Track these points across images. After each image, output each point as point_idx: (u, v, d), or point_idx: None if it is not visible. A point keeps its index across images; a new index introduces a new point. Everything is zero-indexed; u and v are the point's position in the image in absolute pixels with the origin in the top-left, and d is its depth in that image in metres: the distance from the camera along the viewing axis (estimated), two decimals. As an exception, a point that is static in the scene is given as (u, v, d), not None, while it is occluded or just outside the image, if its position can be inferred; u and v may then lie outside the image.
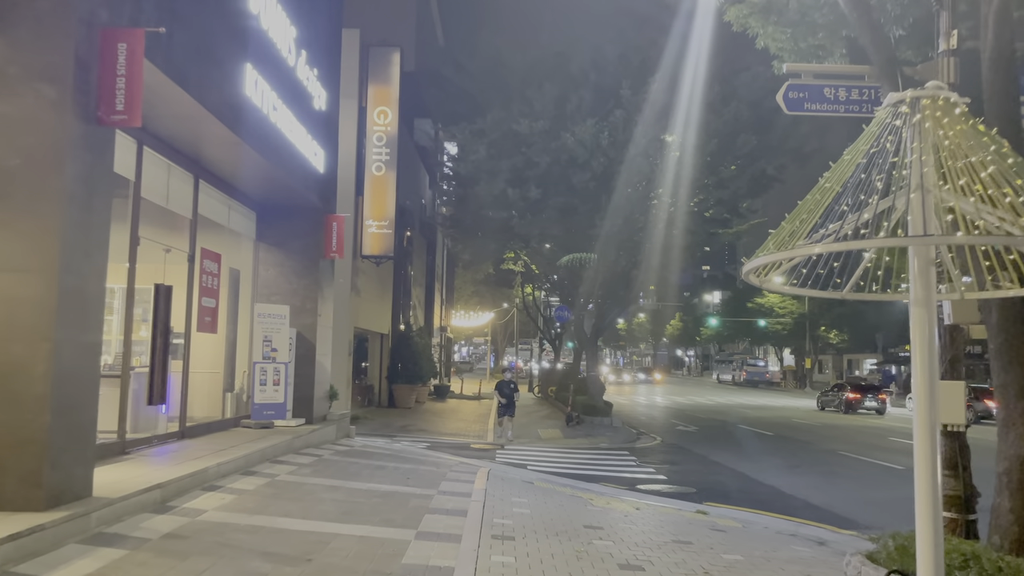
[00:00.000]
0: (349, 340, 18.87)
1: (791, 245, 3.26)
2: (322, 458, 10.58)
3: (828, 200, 3.35)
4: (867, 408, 33.18)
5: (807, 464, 15.36)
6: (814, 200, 3.32)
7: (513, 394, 16.94)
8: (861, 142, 3.32)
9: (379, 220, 18.95)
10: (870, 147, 3.28)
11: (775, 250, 3.18)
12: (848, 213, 3.32)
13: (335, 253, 13.22)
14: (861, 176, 3.34)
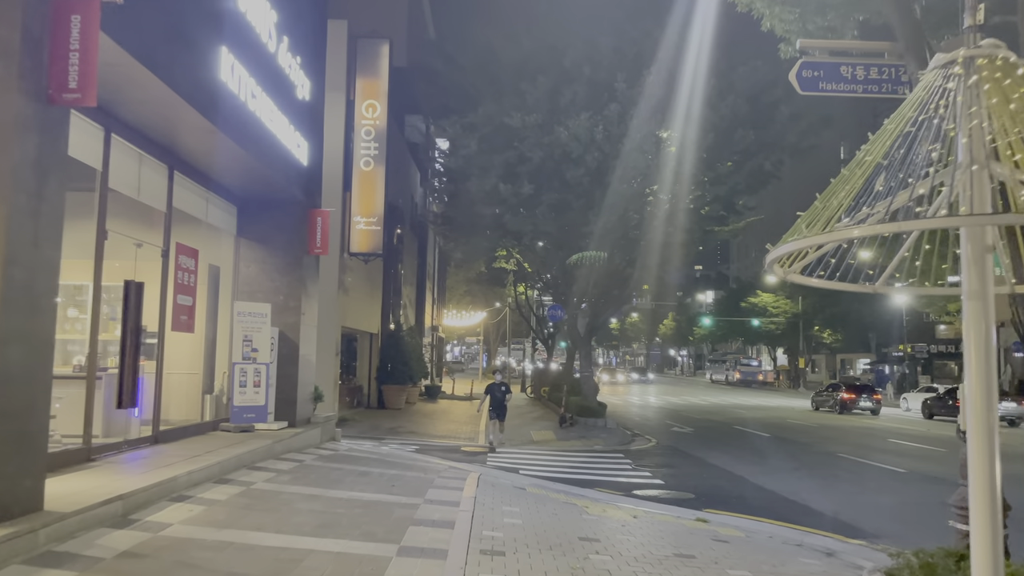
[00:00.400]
0: (336, 340, 18.35)
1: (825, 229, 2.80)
2: (304, 464, 10.08)
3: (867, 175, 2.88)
4: (862, 408, 33.05)
5: (807, 467, 14.94)
6: (852, 177, 2.86)
7: (504, 397, 16.08)
8: (906, 108, 2.85)
9: (367, 217, 18.44)
10: (917, 114, 2.82)
11: (809, 233, 2.71)
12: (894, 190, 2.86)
13: (319, 249, 12.71)
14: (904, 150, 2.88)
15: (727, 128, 16.91)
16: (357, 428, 18.02)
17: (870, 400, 33.05)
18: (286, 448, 10.96)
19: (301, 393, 12.66)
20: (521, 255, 23.74)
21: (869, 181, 2.84)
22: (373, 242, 18.50)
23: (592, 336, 22.35)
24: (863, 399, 32.99)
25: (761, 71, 17.58)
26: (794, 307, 64.73)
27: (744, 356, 79.70)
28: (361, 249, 18.52)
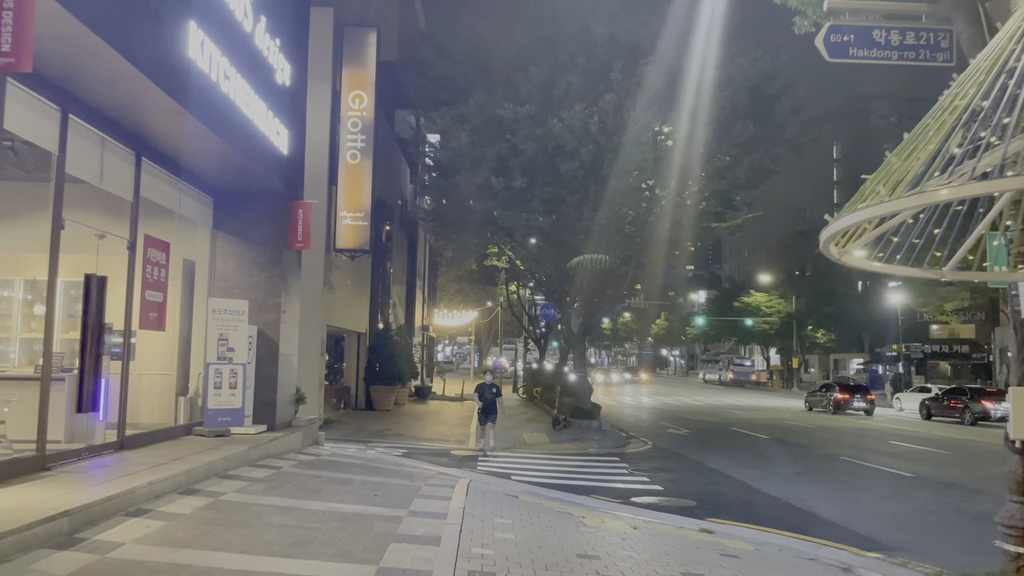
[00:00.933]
0: (321, 339, 17.70)
1: (899, 194, 2.20)
2: (281, 471, 9.43)
3: (951, 125, 2.29)
4: (855, 409, 32.77)
5: (811, 472, 14.39)
6: (935, 127, 2.26)
7: (495, 399, 15.42)
8: (1005, 39, 2.26)
9: (354, 211, 17.78)
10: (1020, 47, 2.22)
11: (891, 194, 2.11)
12: (979, 150, 2.26)
13: (301, 243, 12.06)
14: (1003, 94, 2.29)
15: (726, 120, 16.34)
16: (343, 431, 17.36)
17: (864, 400, 32.85)
18: (263, 454, 10.31)
19: (281, 395, 12.00)
20: (513, 252, 23.11)
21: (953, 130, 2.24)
22: (360, 238, 17.85)
23: (586, 335, 21.76)
24: (856, 399, 32.82)
25: (761, 62, 17.02)
26: (788, 307, 64.40)
27: (737, 356, 79.31)
28: (347, 245, 17.87)
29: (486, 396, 15.40)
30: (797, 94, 17.15)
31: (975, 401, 28.64)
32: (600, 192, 17.29)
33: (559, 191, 17.35)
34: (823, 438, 21.20)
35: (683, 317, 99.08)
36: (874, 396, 34.07)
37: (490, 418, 15.37)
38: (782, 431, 22.94)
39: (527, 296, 40.85)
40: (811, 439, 20.76)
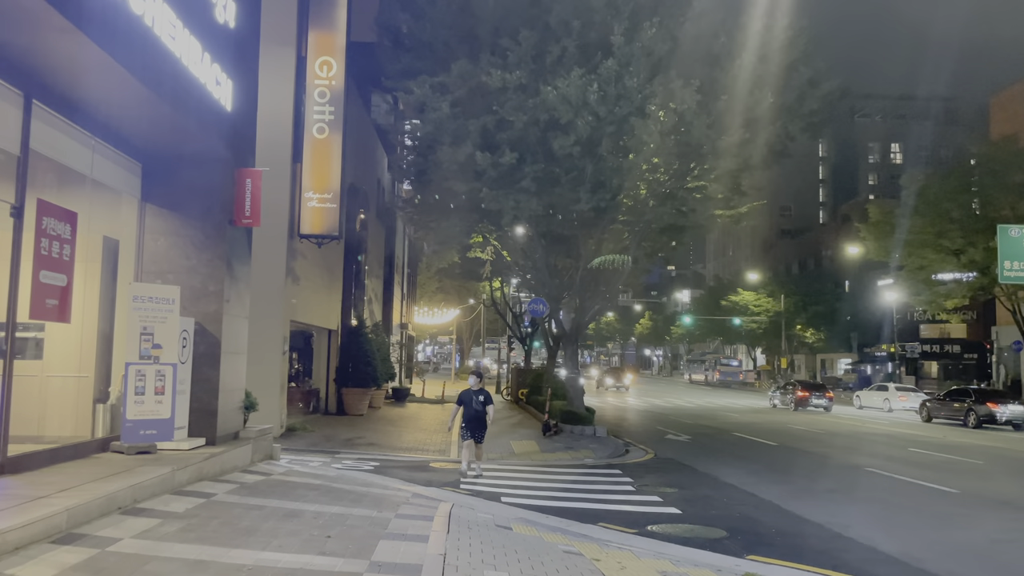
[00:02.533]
0: (284, 336, 15.70)
1: None
2: (212, 500, 7.45)
3: None
4: (815, 406, 34.83)
5: (842, 488, 12.61)
6: None
7: (483, 408, 11.98)
8: None
9: (321, 192, 15.77)
10: None
11: None
12: None
13: (249, 219, 10.06)
14: None
15: (739, 91, 14.55)
16: (307, 440, 15.37)
17: (823, 398, 34.93)
18: (195, 476, 8.31)
19: (225, 402, 9.99)
20: (499, 243, 21.20)
21: None
22: (328, 222, 15.84)
23: (579, 333, 19.90)
24: (815, 397, 35.04)
25: (777, 28, 15.24)
26: (776, 305, 63.03)
27: (724, 356, 77.96)
28: (313, 230, 15.86)
29: (472, 407, 11.99)
30: (816, 65, 15.40)
31: (980, 403, 27.36)
32: (598, 172, 15.44)
33: (552, 170, 15.44)
34: (837, 445, 19.51)
35: (667, 317, 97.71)
36: (832, 395, 36.14)
37: (477, 436, 12.09)
38: (790, 437, 21.24)
39: (511, 293, 39.01)
40: (825, 446, 19.05)
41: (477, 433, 12.12)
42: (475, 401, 12.05)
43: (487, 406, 12.16)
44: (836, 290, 64.56)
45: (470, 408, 12.09)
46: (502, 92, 14.98)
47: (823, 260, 74.87)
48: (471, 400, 12.08)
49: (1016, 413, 26.47)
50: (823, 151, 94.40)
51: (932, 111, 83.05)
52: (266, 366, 15.16)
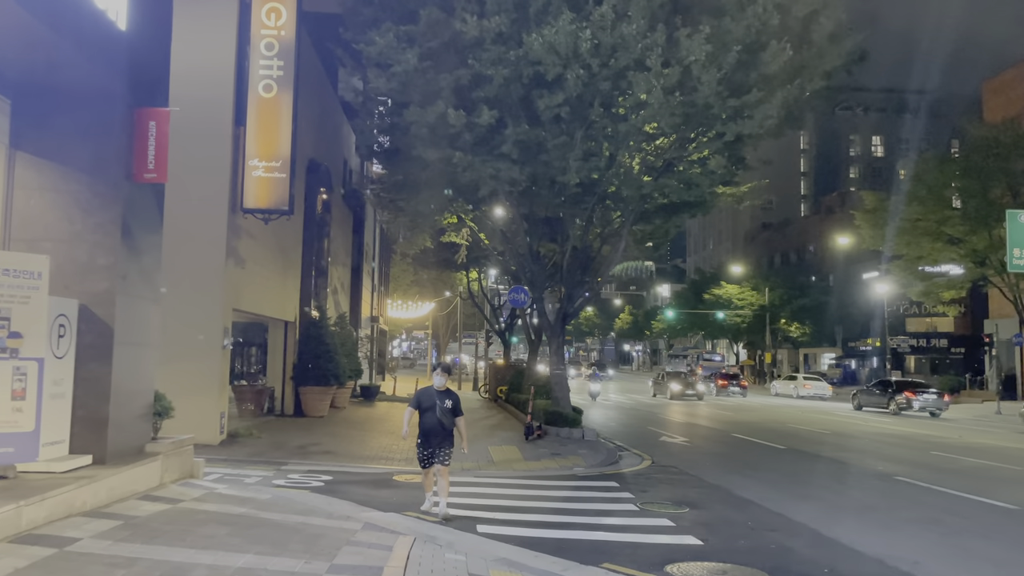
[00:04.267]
0: (224, 327, 13.47)
1: None
2: (64, 551, 5.28)
3: None
4: (732, 392, 41.64)
5: (883, 505, 10.68)
6: None
7: (446, 417, 8.59)
8: None
9: (268, 160, 13.54)
10: None
11: None
12: None
13: (153, 174, 7.88)
14: None
15: (753, 44, 12.55)
16: (252, 448, 13.17)
17: (737, 386, 42.37)
18: (60, 510, 6.15)
19: (121, 408, 7.79)
20: (476, 224, 19.09)
21: None
22: (276, 194, 13.62)
23: (564, 324, 17.86)
24: (732, 385, 42.43)
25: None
26: (760, 299, 61.53)
27: (706, 351, 76.48)
28: (259, 204, 13.63)
29: (433, 416, 8.48)
30: (838, 16, 13.46)
31: (899, 392, 30.22)
32: (590, 137, 13.38)
33: (537, 133, 13.34)
34: (850, 448, 17.68)
35: (648, 311, 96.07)
36: (747, 383, 44.53)
37: (440, 456, 8.49)
38: (795, 439, 19.39)
39: (489, 285, 36.95)
40: (837, 449, 17.20)
41: (440, 451, 8.48)
42: (439, 408, 8.50)
43: (456, 416, 8.68)
44: (821, 283, 63.28)
45: (431, 416, 8.50)
46: (479, 44, 12.84)
47: (806, 253, 73.71)
48: (434, 406, 8.52)
49: (929, 402, 29.42)
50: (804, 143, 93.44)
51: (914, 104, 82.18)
52: (201, 362, 12.95)
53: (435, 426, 8.51)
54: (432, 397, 8.62)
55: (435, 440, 8.51)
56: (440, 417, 8.53)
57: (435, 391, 8.68)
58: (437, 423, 8.51)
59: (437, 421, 8.51)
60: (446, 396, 8.69)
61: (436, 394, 8.65)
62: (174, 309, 12.83)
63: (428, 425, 8.54)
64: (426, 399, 8.63)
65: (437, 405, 8.56)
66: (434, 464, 8.57)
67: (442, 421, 8.55)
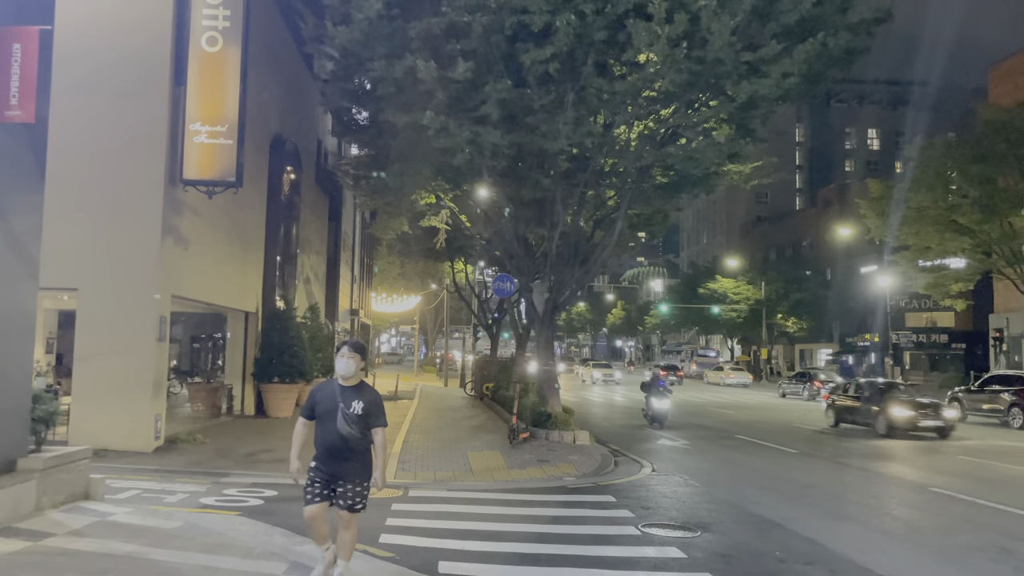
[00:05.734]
0: (160, 317, 11.68)
1: None
2: None
3: None
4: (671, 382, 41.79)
5: (931, 526, 9.03)
6: None
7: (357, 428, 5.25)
8: None
9: (212, 124, 11.75)
10: None
11: None
12: None
13: (17, 112, 6.11)
14: None
15: (768, -7, 10.86)
16: (191, 456, 11.41)
17: (674, 376, 46.02)
18: None
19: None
20: (456, 205, 17.35)
21: None
22: (221, 164, 11.84)
23: (554, 316, 16.16)
24: (671, 376, 44.36)
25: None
26: (757, 293, 60.01)
27: (700, 347, 74.98)
28: (201, 174, 11.85)
29: (332, 425, 5.25)
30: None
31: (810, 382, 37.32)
32: (583, 100, 11.67)
33: (522, 93, 11.60)
34: (864, 452, 16.05)
35: (640, 307, 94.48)
36: (683, 373, 50.84)
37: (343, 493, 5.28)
38: (802, 441, 17.77)
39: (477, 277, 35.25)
40: (850, 455, 15.57)
41: (343, 485, 5.26)
42: (343, 414, 5.24)
43: (374, 428, 5.32)
44: (818, 278, 61.84)
45: (330, 427, 5.27)
46: (453, -12, 11.09)
47: (802, 247, 72.30)
48: (335, 410, 5.27)
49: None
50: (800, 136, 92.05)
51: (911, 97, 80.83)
52: (130, 358, 11.19)
53: (336, 442, 5.22)
54: (333, 396, 5.28)
55: (336, 465, 5.25)
56: (344, 429, 5.19)
57: (338, 386, 5.31)
58: (339, 438, 5.20)
59: (339, 435, 5.20)
60: (356, 395, 5.29)
61: (340, 391, 5.28)
62: (98, 295, 11.09)
63: (326, 441, 5.26)
64: (324, 400, 5.32)
65: (340, 409, 5.21)
66: (332, 504, 5.27)
67: (347, 435, 5.19)
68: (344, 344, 5.47)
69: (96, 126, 11.37)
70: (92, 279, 11.21)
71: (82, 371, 11.20)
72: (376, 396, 5.46)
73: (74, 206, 11.17)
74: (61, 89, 11.43)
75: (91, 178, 11.32)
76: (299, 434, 5.46)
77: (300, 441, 5.44)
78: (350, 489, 5.27)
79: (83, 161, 11.32)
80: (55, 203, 11.26)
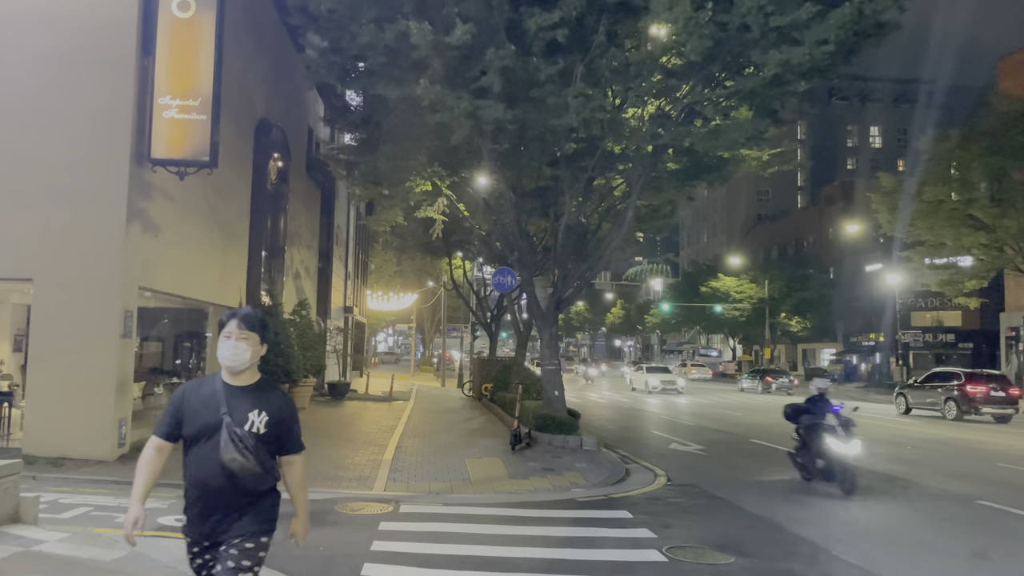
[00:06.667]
0: (126, 311, 10.55)
1: None
2: None
3: None
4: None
5: (994, 549, 7.92)
6: None
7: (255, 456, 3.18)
8: None
9: (184, 98, 10.63)
10: None
11: None
12: None
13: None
14: None
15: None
16: (159, 465, 10.28)
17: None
18: None
19: None
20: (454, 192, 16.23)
21: None
22: (193, 141, 10.71)
23: (558, 312, 15.05)
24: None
25: None
26: (760, 291, 58.96)
27: (702, 346, 73.93)
28: (172, 153, 10.72)
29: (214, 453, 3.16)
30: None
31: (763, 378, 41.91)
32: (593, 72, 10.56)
33: (527, 63, 10.47)
34: (889, 456, 14.96)
35: (640, 306, 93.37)
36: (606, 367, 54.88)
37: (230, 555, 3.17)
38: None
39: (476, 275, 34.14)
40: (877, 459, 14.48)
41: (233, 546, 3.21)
42: (231, 431, 3.16)
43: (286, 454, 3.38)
44: (821, 276, 60.81)
45: (206, 452, 3.19)
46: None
47: (805, 245, 71.36)
48: (218, 425, 3.18)
49: (784, 384, 39.96)
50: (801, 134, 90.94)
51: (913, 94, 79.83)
52: (90, 357, 10.06)
53: (217, 481, 3.19)
54: (214, 404, 3.24)
55: (219, 519, 3.26)
56: (232, 457, 3.17)
57: (222, 387, 3.28)
58: (222, 474, 3.18)
59: (222, 469, 3.17)
60: (255, 401, 3.28)
61: (226, 395, 3.26)
62: (55, 287, 9.97)
63: (202, 477, 3.23)
64: (199, 409, 3.25)
65: (226, 425, 3.19)
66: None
67: (238, 469, 3.18)
68: (230, 317, 3.26)
69: (54, 99, 10.26)
70: (49, 268, 10.09)
71: (38, 371, 10.08)
72: (289, 404, 3.37)
73: (28, 187, 10.08)
74: (13, 58, 10.37)
75: (48, 156, 10.20)
76: (146, 465, 3.27)
77: (147, 476, 3.26)
78: (236, 545, 3.16)
79: (39, 137, 10.22)
80: (6, 183, 10.17)
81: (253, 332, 3.32)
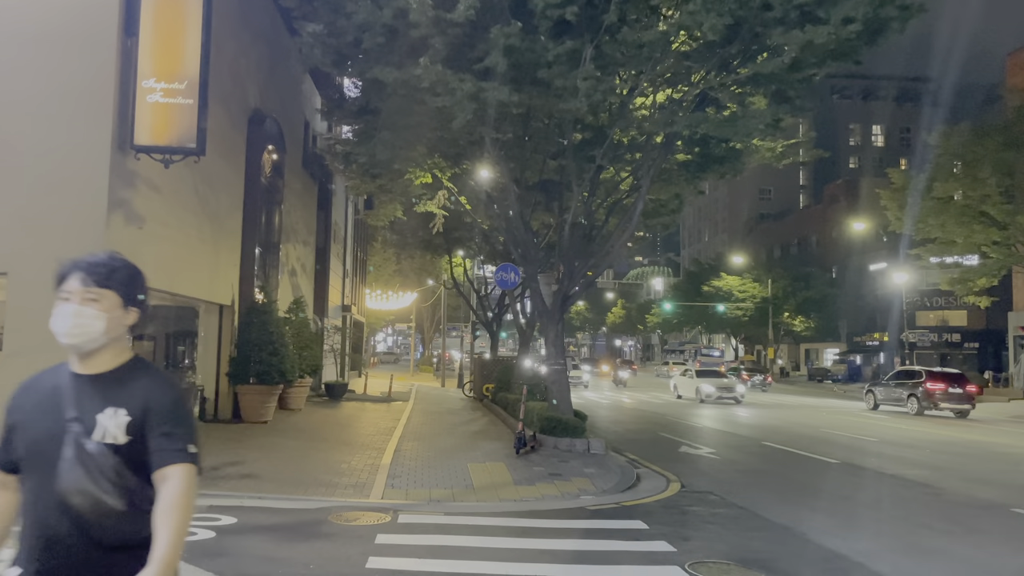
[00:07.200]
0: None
1: None
2: None
3: None
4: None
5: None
6: None
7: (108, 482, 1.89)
8: None
9: (169, 81, 10.01)
10: None
11: None
12: None
13: None
14: None
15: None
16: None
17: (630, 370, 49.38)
18: None
19: None
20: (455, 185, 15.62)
21: None
22: (180, 127, 10.09)
23: (563, 309, 14.43)
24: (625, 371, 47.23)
25: None
26: (763, 291, 58.34)
27: (704, 346, 73.29)
28: (156, 140, 10.09)
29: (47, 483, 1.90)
30: None
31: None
32: (603, 53, 9.96)
33: (534, 42, 9.84)
34: (913, 461, 14.36)
35: (641, 305, 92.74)
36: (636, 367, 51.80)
37: None
38: (839, 447, 16.08)
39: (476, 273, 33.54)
40: (894, 462, 13.89)
41: None
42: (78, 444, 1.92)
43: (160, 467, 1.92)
44: (825, 275, 60.22)
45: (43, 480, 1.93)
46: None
47: (808, 244, 70.79)
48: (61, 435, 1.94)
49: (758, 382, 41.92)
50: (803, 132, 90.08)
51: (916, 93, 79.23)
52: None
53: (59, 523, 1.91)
54: (57, 402, 2.05)
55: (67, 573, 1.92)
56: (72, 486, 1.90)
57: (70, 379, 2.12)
58: (62, 514, 1.91)
59: (59, 506, 1.91)
60: (113, 394, 2.05)
61: (75, 387, 2.08)
62: (30, 281, 9.35)
63: (41, 518, 1.94)
64: (37, 414, 2.06)
65: (69, 437, 1.94)
66: None
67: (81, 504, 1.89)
68: (72, 268, 2.13)
69: (29, 82, 9.64)
70: (23, 262, 9.47)
71: (12, 370, 9.44)
72: (165, 389, 2.10)
73: (1, 175, 9.44)
74: (-13, 37, 9.75)
75: (23, 143, 9.58)
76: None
77: None
78: None
79: (13, 123, 9.60)
80: (-22, 171, 9.55)
81: (108, 290, 2.09)
